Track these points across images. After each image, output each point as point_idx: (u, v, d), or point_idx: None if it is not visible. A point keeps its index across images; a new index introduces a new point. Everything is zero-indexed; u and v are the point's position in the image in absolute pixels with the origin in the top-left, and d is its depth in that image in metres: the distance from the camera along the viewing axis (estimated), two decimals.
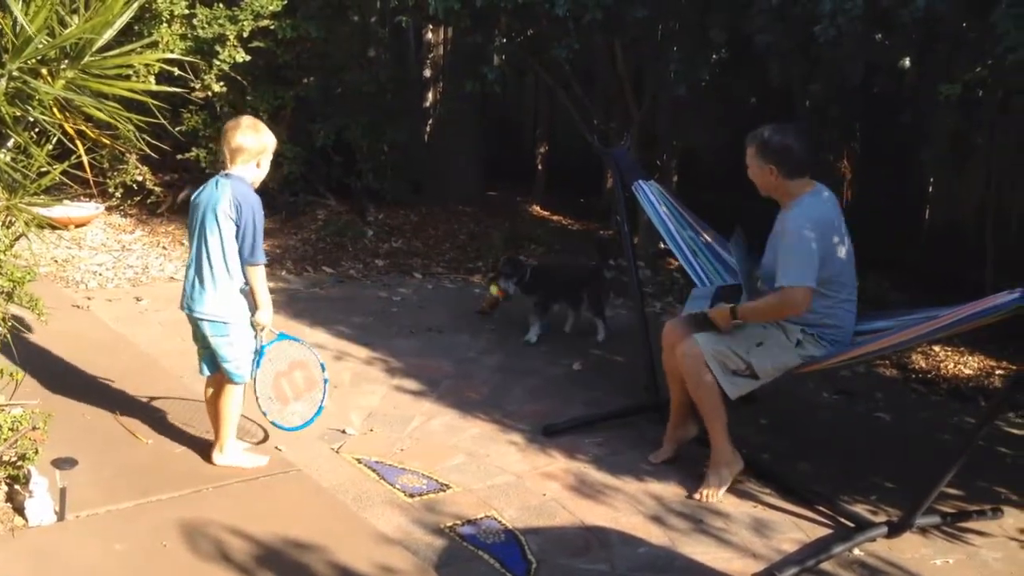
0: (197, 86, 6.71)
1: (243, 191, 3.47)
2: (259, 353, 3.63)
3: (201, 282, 3.48)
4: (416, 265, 6.78)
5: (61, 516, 3.15)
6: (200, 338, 3.58)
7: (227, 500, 3.38)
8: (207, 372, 3.65)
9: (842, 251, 3.67)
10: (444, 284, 6.49)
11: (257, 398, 3.73)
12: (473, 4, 5.88)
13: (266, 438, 3.94)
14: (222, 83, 6.80)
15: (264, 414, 3.76)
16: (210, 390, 3.68)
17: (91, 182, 3.49)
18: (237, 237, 3.45)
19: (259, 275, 3.50)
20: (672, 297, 6.20)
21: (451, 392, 4.60)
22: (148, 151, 3.69)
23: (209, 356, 3.60)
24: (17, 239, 3.35)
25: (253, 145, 3.50)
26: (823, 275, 3.61)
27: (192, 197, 3.58)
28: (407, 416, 4.31)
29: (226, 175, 3.50)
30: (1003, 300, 3.05)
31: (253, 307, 3.56)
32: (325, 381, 3.67)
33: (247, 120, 3.57)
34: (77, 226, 6.86)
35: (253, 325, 3.57)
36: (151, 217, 7.40)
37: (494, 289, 4.46)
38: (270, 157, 3.60)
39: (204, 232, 3.46)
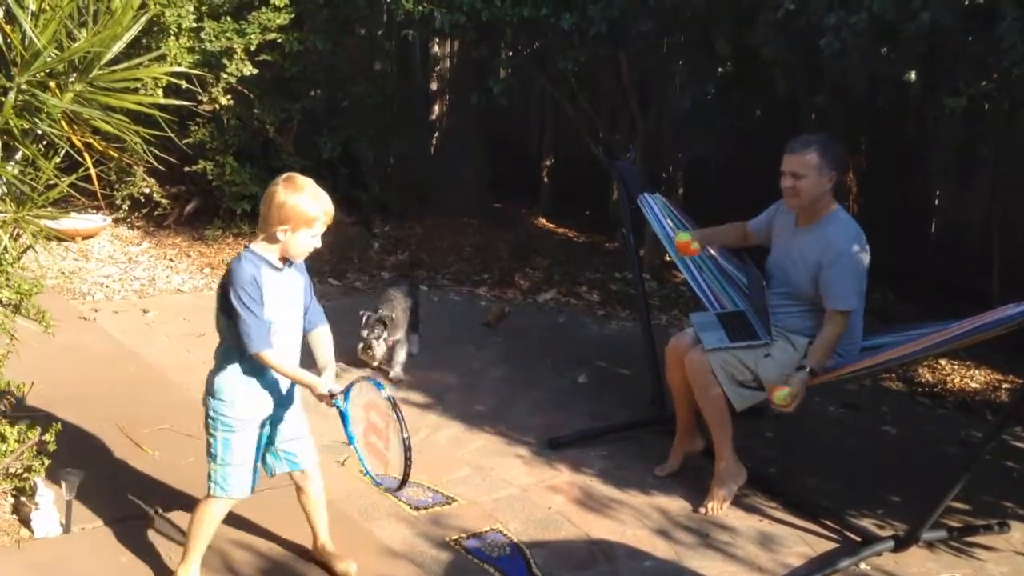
0: (204, 99, 6.73)
1: None
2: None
3: None
4: (422, 277, 6.78)
5: (67, 528, 3.15)
6: None
7: (232, 513, 3.37)
8: None
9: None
10: (450, 296, 6.49)
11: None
12: (479, 18, 5.90)
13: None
14: (229, 96, 6.83)
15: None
16: None
17: (98, 194, 3.50)
18: None
19: None
20: (678, 310, 6.19)
21: (456, 404, 4.59)
22: (155, 164, 3.70)
23: None
24: (25, 251, 3.36)
25: None
26: None
27: None
28: (412, 428, 4.29)
29: None
30: (1009, 313, 3.05)
31: None
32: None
33: None
34: (84, 238, 6.88)
35: None
36: (158, 229, 7.42)
37: (685, 236, 3.89)
38: None
39: None
